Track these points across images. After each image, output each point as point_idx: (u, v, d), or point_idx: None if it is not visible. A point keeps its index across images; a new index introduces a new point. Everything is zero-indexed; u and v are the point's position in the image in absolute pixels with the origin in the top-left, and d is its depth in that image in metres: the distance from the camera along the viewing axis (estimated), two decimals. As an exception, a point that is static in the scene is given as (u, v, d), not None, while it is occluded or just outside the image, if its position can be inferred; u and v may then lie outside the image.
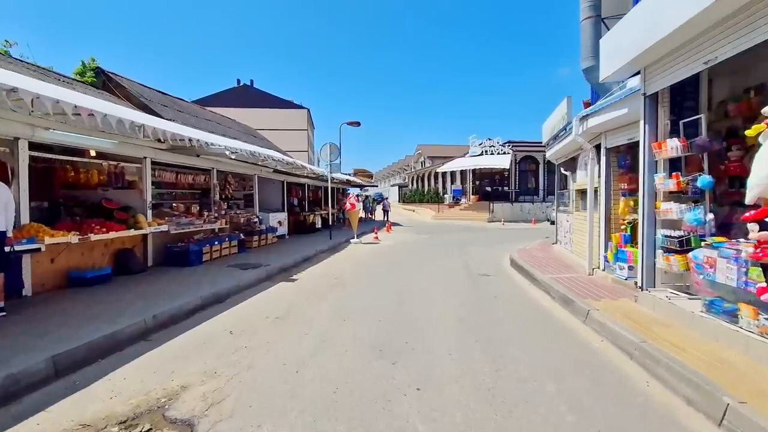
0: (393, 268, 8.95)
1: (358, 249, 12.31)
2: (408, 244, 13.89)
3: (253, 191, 12.38)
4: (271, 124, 45.68)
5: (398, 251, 11.86)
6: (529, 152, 29.79)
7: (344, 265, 9.25)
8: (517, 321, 4.94)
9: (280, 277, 7.88)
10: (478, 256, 10.67)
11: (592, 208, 6.64)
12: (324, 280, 7.61)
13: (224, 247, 9.36)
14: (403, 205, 46.32)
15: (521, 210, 27.82)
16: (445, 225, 23.26)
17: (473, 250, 12.15)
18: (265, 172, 12.69)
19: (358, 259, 10.21)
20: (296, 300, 6.07)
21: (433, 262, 9.66)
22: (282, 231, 13.89)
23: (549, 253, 9.73)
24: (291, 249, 11.06)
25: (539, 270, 7.40)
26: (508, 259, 9.99)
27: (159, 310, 4.89)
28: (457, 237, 16.36)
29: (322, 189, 20.58)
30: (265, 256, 9.68)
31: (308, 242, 12.90)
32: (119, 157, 7.43)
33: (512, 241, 14.55)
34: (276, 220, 13.32)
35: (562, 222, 9.91)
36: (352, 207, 13.98)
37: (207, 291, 5.96)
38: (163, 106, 15.06)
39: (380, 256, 10.90)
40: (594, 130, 6.34)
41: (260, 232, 11.42)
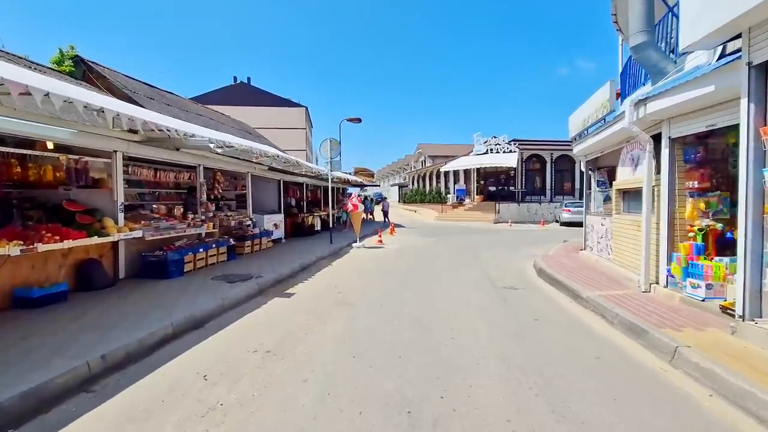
0: (404, 279, 7.82)
1: (362, 255, 11.18)
2: (415, 248, 12.76)
3: (246, 191, 11.23)
4: (268, 122, 44.60)
5: (406, 258, 10.74)
6: (535, 151, 28.72)
7: (348, 276, 8.12)
8: (577, 359, 3.82)
9: (274, 291, 6.74)
10: (496, 263, 9.55)
11: (649, 211, 5.53)
12: (326, 295, 6.47)
13: (211, 255, 8.21)
14: (404, 205, 45.19)
15: (528, 211, 26.75)
16: (450, 227, 22.15)
17: (488, 255, 11.04)
18: (260, 170, 11.54)
19: (363, 268, 9.08)
20: (293, 324, 4.94)
21: (449, 272, 8.54)
22: (278, 234, 12.75)
23: (579, 261, 8.62)
24: (288, 255, 9.92)
25: (579, 283, 6.29)
26: (531, 267, 8.89)
27: (113, 345, 3.74)
28: (466, 240, 15.25)
29: (321, 189, 19.43)
30: (258, 264, 8.54)
31: (307, 247, 11.76)
32: (87, 150, 6.28)
33: (527, 245, 13.46)
34: (271, 223, 12.17)
35: (593, 226, 8.80)
36: (355, 208, 12.86)
37: (182, 314, 4.82)
38: (149, 99, 13.89)
39: (387, 263, 9.77)
40: (655, 117, 5.23)
41: (253, 237, 10.27)
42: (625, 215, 6.86)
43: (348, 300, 6.18)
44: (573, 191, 29.09)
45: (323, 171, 14.15)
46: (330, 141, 12.65)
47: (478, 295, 6.43)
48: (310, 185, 18.61)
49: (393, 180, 66.71)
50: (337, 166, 12.93)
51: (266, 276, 7.25)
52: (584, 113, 8.12)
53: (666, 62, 5.88)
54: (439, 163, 40.64)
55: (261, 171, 11.66)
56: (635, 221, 6.33)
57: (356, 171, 21.36)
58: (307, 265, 9.09)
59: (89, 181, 6.50)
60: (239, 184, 11.44)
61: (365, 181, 24.99)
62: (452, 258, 10.57)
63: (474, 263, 9.69)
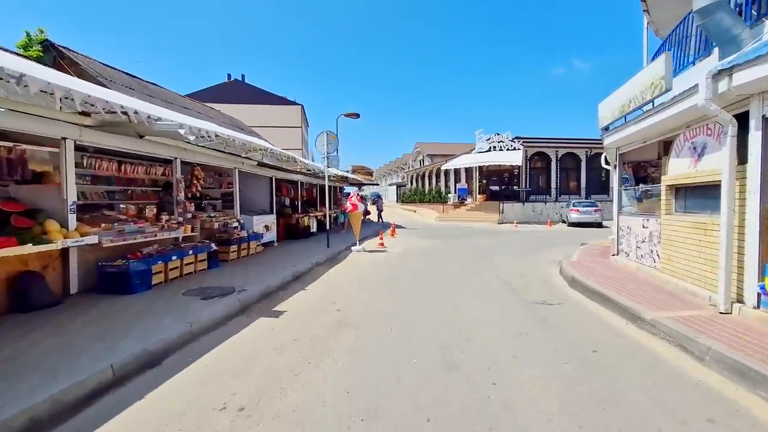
0: (414, 291, 6.67)
1: (363, 260, 10.01)
2: (420, 252, 11.60)
3: (233, 189, 10.03)
4: (263, 120, 43.48)
5: (412, 263, 9.58)
6: (540, 148, 27.66)
7: (349, 287, 6.95)
8: (683, 424, 2.68)
9: (259, 308, 5.56)
10: (515, 270, 8.41)
11: (731, 211, 4.39)
12: (323, 314, 5.30)
13: (187, 263, 7.01)
14: (402, 205, 44.07)
15: (533, 211, 25.69)
16: (453, 228, 21.02)
17: (503, 260, 9.90)
18: (248, 165, 10.35)
19: (365, 276, 7.90)
20: (279, 361, 3.76)
21: (464, 281, 7.39)
22: (269, 237, 11.55)
23: (615, 269, 7.49)
24: (279, 261, 8.72)
25: (631, 299, 5.15)
26: (558, 275, 7.76)
27: (17, 407, 2.56)
28: (473, 243, 14.11)
29: (317, 187, 18.25)
30: (243, 273, 7.35)
31: (302, 251, 10.57)
32: (26, 137, 5.07)
33: (541, 248, 12.34)
34: (262, 224, 10.97)
35: (629, 228, 7.67)
36: (354, 208, 11.70)
37: (132, 348, 3.63)
38: (128, 89, 12.63)
39: (392, 270, 8.60)
40: (743, 91, 4.10)
41: (240, 240, 9.07)
42: (681, 216, 5.73)
43: (349, 320, 5.01)
44: (579, 190, 28.10)
45: (319, 168, 12.98)
46: (326, 134, 11.48)
47: (508, 313, 5.28)
48: (306, 184, 17.43)
49: (391, 179, 65.57)
50: (334, 161, 11.76)
51: (251, 288, 6.06)
52: (621, 98, 7.00)
53: (741, 28, 4.76)
54: (437, 162, 39.56)
55: (250, 167, 10.46)
56: (698, 223, 5.20)
57: (354, 169, 20.17)
58: (301, 274, 7.91)
59: (27, 175, 5.28)
60: (225, 181, 10.24)
61: (364, 179, 23.80)
62: (463, 263, 9.42)
63: (489, 270, 8.55)
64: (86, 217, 6.12)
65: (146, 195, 8.92)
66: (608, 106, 7.70)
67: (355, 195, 11.89)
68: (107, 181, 7.94)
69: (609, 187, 29.38)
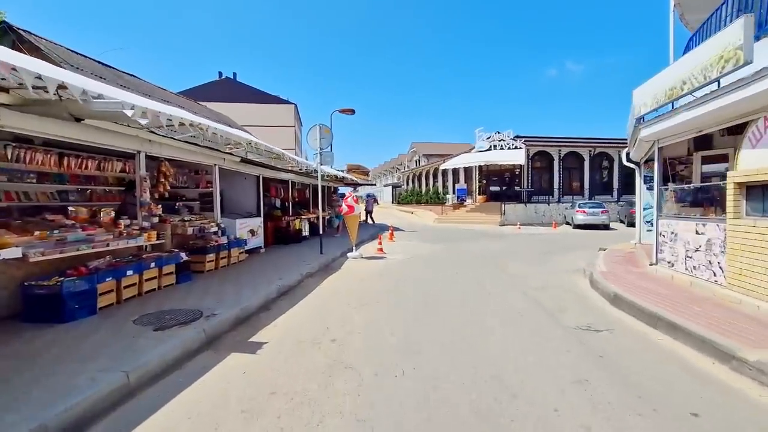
0: (425, 312, 5.49)
1: (361, 269, 8.81)
2: (424, 259, 10.43)
3: (213, 188, 8.78)
4: (255, 119, 42.28)
5: (417, 273, 8.40)
6: (542, 147, 26.64)
7: (346, 306, 5.74)
8: None
9: (231, 340, 4.35)
10: (537, 282, 7.27)
11: None
12: (313, 348, 4.10)
13: (149, 278, 5.76)
14: (399, 206, 42.92)
15: (536, 212, 24.68)
16: (454, 230, 19.89)
17: (518, 269, 8.76)
18: (230, 162, 9.11)
19: (364, 291, 6.71)
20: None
21: (482, 297, 6.23)
22: (255, 243, 10.31)
23: (662, 283, 6.35)
24: (265, 272, 7.50)
25: (710, 327, 4.02)
26: (589, 288, 6.64)
27: None
28: (479, 247, 12.98)
29: (310, 188, 17.02)
30: (218, 289, 6.12)
31: (292, 259, 9.35)
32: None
33: (555, 253, 11.24)
34: (246, 229, 9.73)
35: (676, 233, 6.54)
36: (351, 210, 10.50)
37: (26, 425, 2.40)
38: (97, 77, 11.34)
39: (395, 283, 7.42)
40: None
41: (219, 248, 7.83)
42: (759, 220, 4.62)
43: (347, 358, 3.82)
44: (582, 191, 27.14)
45: (311, 166, 11.76)
46: (319, 127, 10.27)
47: (551, 346, 4.12)
48: (298, 184, 16.21)
49: (386, 180, 64.42)
50: (328, 158, 10.56)
51: (224, 311, 4.84)
52: (668, 81, 5.90)
53: None
54: (434, 162, 38.50)
55: (233, 164, 9.22)
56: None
57: (350, 168, 18.93)
58: (289, 288, 6.69)
59: None
60: (203, 179, 8.99)
61: (360, 179, 22.52)
62: (475, 273, 8.26)
63: (507, 281, 7.40)
64: (16, 223, 4.87)
65: (110, 195, 7.67)
66: (648, 92, 6.58)
67: (351, 195, 10.70)
68: (59, 179, 6.69)
69: (612, 187, 28.53)
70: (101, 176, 7.37)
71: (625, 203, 23.94)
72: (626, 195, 27.23)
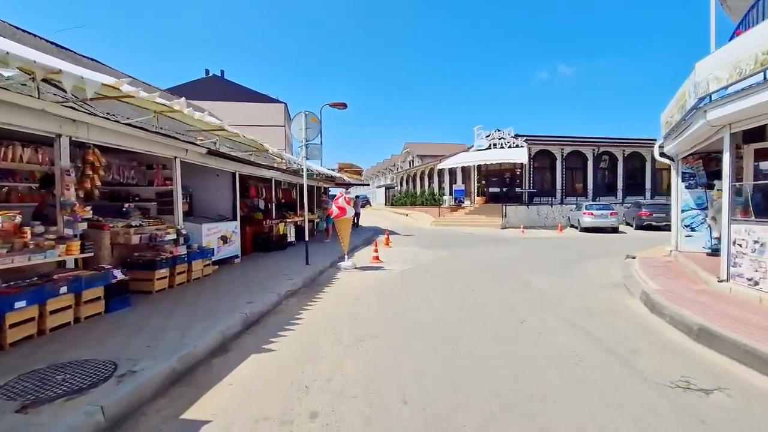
0: (444, 352, 3.96)
1: (355, 285, 7.24)
2: (428, 269, 8.91)
3: (173, 187, 7.15)
4: (244, 119, 40.44)
5: (424, 289, 6.87)
6: (544, 146, 25.34)
7: (336, 346, 4.16)
8: None
9: (151, 419, 2.75)
10: (575, 302, 5.79)
11: None
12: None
13: (58, 309, 4.13)
14: (393, 208, 41.41)
15: (538, 214, 23.36)
16: (454, 234, 18.42)
17: (542, 283, 7.28)
18: (195, 154, 7.49)
19: (359, 318, 5.14)
20: None
21: (515, 328, 4.70)
22: (229, 251, 8.68)
23: (752, 308, 4.88)
24: (232, 292, 5.90)
25: None
26: (646, 314, 5.17)
27: None
28: (486, 254, 11.50)
29: (297, 187, 15.40)
30: (161, 320, 4.51)
31: (271, 271, 7.76)
32: None
33: (574, 262, 9.83)
34: (216, 235, 8.11)
35: (765, 244, 5.08)
36: (342, 212, 8.94)
37: None
38: (43, 57, 9.65)
39: (398, 304, 5.87)
40: None
41: (175, 261, 6.20)
42: None
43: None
44: (585, 192, 25.89)
45: (296, 161, 10.17)
46: (305, 115, 8.69)
47: (649, 425, 2.62)
48: (284, 183, 14.62)
49: (379, 181, 62.92)
50: (315, 152, 9.00)
51: (153, 363, 3.24)
52: (756, 45, 4.47)
53: None
54: (428, 162, 37.08)
55: (198, 156, 7.60)
56: None
57: (341, 167, 17.34)
58: (260, 316, 5.10)
59: None
60: (159, 175, 7.35)
61: (353, 179, 20.85)
62: (494, 288, 6.74)
63: (537, 300, 5.91)
64: None
65: (27, 195, 6.00)
66: (725, 61, 5.13)
67: (342, 196, 9.14)
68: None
69: (616, 188, 27.29)
70: (20, 170, 5.71)
71: (631, 204, 22.74)
72: (630, 196, 26.11)
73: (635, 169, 27.24)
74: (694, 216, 8.79)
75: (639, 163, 27.13)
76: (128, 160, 6.85)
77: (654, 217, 19.61)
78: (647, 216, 19.73)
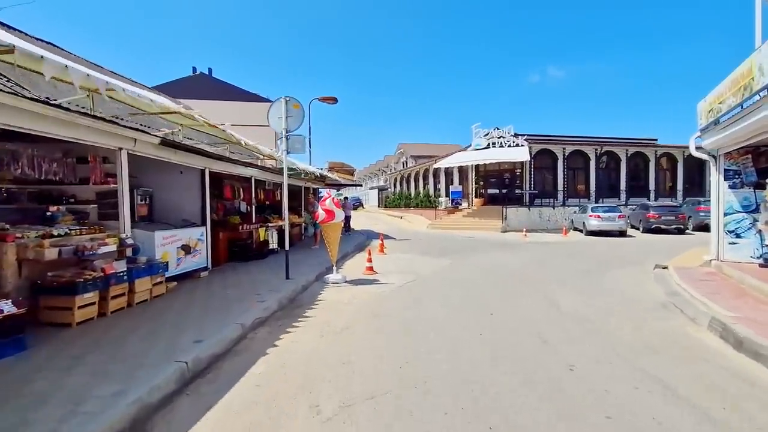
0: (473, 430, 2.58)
1: (344, 308, 5.84)
2: (431, 283, 7.57)
3: (119, 186, 5.71)
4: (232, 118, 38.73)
5: (430, 313, 5.51)
6: (545, 145, 24.20)
7: (309, 419, 2.78)
8: None
9: None
10: (627, 334, 4.49)
11: None
12: None
13: None
14: (386, 210, 40.06)
15: (540, 216, 22.17)
16: (452, 238, 17.12)
17: (573, 302, 5.97)
18: (146, 146, 6.06)
19: (347, 362, 3.76)
20: None
21: (567, 382, 3.37)
22: (194, 264, 7.24)
23: None
24: (179, 323, 4.48)
25: None
26: (731, 352, 3.86)
27: None
28: (495, 261, 10.20)
29: (281, 188, 13.95)
30: (60, 373, 3.08)
31: (241, 289, 6.34)
32: None
33: (595, 271, 8.58)
34: (175, 245, 6.66)
35: None
36: (329, 216, 7.56)
37: None
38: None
39: (399, 338, 4.50)
40: None
41: (107, 281, 4.76)
42: None
43: None
44: (588, 193, 24.78)
45: (273, 155, 8.76)
46: (285, 101, 7.30)
47: None
48: (269, 183, 13.21)
49: (372, 183, 61.54)
50: (297, 144, 7.57)
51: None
52: None
53: None
54: (423, 163, 35.81)
55: (150, 148, 6.16)
56: None
57: (332, 167, 15.91)
58: (209, 362, 3.68)
59: None
60: (97, 171, 5.88)
61: (344, 179, 19.34)
62: (514, 312, 5.41)
63: (575, 331, 4.59)
64: None
65: None
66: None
67: (330, 197, 7.75)
68: None
69: (619, 189, 26.22)
70: None
71: (636, 206, 21.62)
72: (633, 197, 25.09)
73: (638, 169, 26.26)
74: (740, 220, 7.56)
75: (642, 164, 26.15)
76: (51, 150, 5.38)
77: (663, 220, 18.53)
78: (655, 219, 18.63)
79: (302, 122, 7.46)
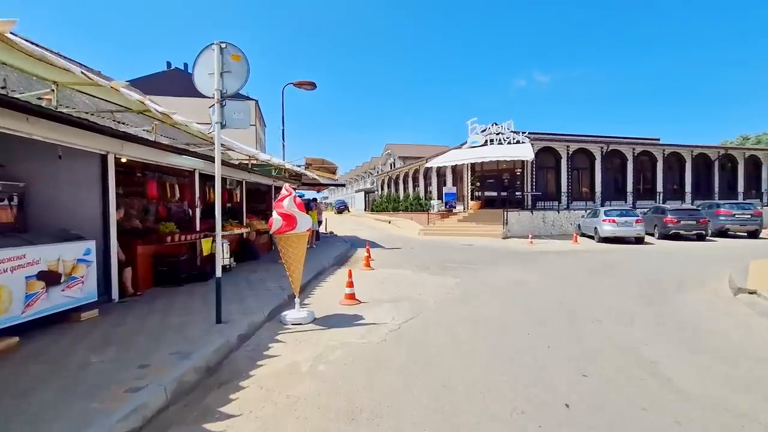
0: None
1: (300, 385, 3.29)
2: (442, 323, 5.09)
3: None
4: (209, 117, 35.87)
5: (451, 396, 3.02)
6: (547, 143, 22.07)
7: None
8: None
9: None
10: None
11: None
12: None
13: None
14: (373, 214, 37.53)
15: (544, 221, 19.97)
16: (450, 246, 14.72)
17: (685, 369, 3.58)
18: None
19: None
20: None
21: None
22: (70, 300, 4.60)
23: None
24: None
25: None
26: None
27: None
28: (511, 279, 7.79)
29: (243, 186, 11.32)
30: None
31: (130, 349, 3.73)
32: None
33: (657, 296, 6.12)
34: (25, 273, 4.02)
35: None
36: (288, 224, 5.06)
37: None
38: None
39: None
40: None
41: None
42: None
43: None
44: (593, 195, 22.71)
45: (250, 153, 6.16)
46: (219, 48, 4.76)
47: None
48: (230, 182, 10.63)
49: (358, 185, 58.98)
50: (239, 116, 5.01)
51: None
52: None
53: None
54: (411, 164, 33.45)
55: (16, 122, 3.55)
56: None
57: (309, 163, 13.45)
58: None
59: None
60: None
61: (326, 179, 16.64)
62: (594, 389, 3.00)
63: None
64: None
65: None
66: None
67: (290, 196, 5.21)
68: None
69: (626, 191, 24.19)
70: None
71: (648, 210, 19.54)
72: (640, 200, 23.19)
73: (645, 170, 24.40)
74: None
75: (649, 164, 24.29)
76: None
77: (682, 225, 16.51)
78: (674, 223, 16.59)
79: (245, 81, 4.90)
